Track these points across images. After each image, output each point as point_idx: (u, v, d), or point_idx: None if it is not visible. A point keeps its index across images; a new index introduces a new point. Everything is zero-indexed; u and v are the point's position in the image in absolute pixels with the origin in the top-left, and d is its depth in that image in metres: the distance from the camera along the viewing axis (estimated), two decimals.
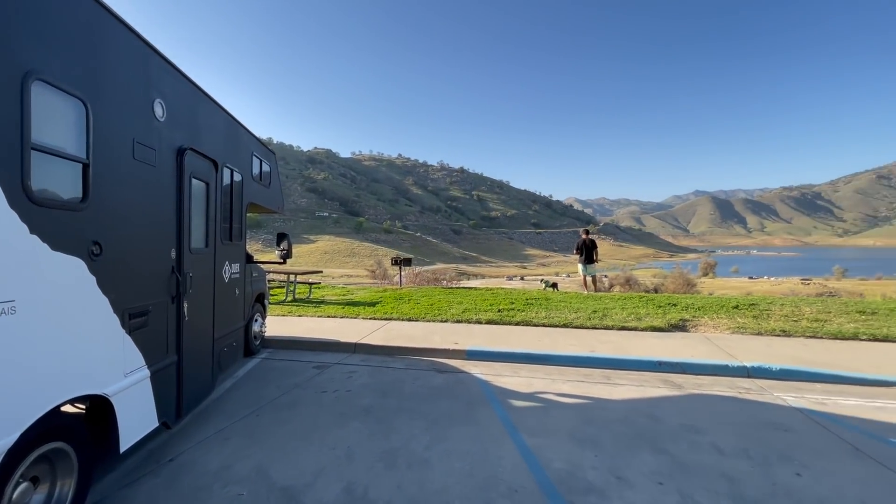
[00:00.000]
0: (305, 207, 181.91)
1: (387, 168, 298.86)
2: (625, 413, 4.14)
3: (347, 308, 9.25)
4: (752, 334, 6.76)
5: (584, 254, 12.46)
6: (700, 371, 5.38)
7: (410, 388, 4.87)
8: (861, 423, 3.89)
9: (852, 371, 5.12)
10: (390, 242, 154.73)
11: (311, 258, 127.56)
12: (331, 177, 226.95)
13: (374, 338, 6.86)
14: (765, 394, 4.66)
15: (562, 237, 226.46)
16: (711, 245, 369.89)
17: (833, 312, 7.55)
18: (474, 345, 6.35)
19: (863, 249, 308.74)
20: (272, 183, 6.17)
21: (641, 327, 7.17)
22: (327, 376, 5.35)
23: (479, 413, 4.16)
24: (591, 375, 5.33)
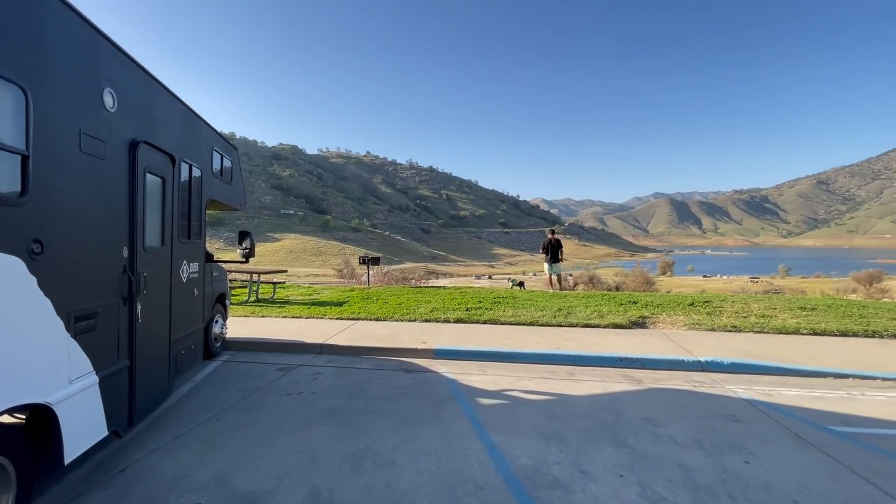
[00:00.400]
0: (270, 205, 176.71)
1: (355, 165, 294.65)
2: (588, 408, 4.26)
3: (313, 308, 9.06)
4: (706, 330, 7.12)
5: (550, 253, 12.75)
6: (658, 366, 5.61)
7: (378, 389, 4.82)
8: (802, 412, 4.16)
9: (794, 363, 5.47)
10: (358, 241, 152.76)
11: (276, 257, 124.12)
12: (297, 174, 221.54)
13: (341, 338, 6.76)
14: (717, 386, 4.91)
15: (529, 237, 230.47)
16: (669, 245, 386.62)
17: (778, 309, 8.06)
18: (442, 344, 6.36)
19: (804, 249, 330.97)
20: (234, 179, 5.95)
21: (604, 324, 7.40)
22: (292, 378, 5.22)
23: (447, 412, 4.17)
24: (556, 372, 5.45)
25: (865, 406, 4.30)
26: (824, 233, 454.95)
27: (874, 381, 5.06)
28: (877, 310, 7.94)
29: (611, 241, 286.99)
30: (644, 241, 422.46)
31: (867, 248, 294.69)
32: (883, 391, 4.73)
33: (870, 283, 43.01)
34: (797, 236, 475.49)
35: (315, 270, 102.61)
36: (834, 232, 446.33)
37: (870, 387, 4.90)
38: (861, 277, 45.99)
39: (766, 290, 43.66)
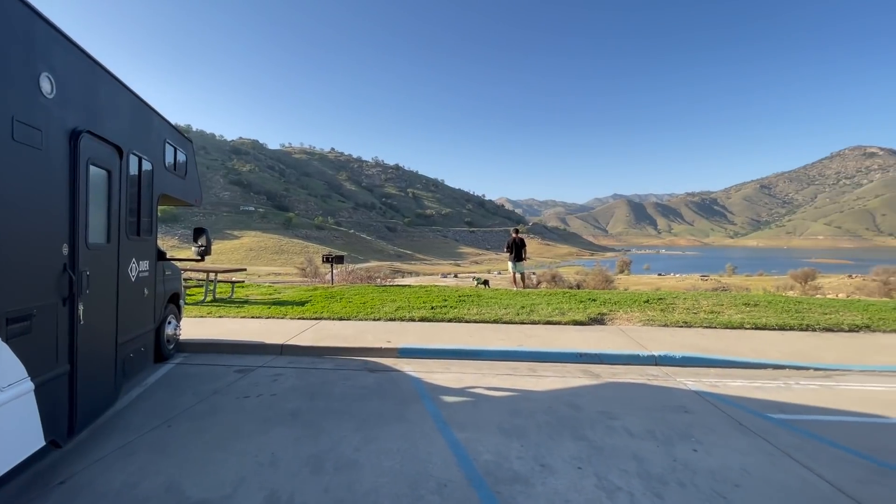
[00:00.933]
0: (229, 201, 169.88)
1: (319, 162, 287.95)
2: (549, 403, 4.37)
3: (274, 308, 8.80)
4: (659, 326, 7.46)
5: (514, 252, 12.98)
6: (615, 361, 5.83)
7: (341, 389, 4.75)
8: (744, 401, 4.44)
9: (739, 356, 5.84)
10: (322, 239, 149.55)
11: (236, 255, 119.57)
12: (258, 169, 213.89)
13: (303, 338, 6.60)
14: (669, 379, 5.17)
15: (494, 236, 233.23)
16: (627, 244, 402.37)
17: (725, 305, 8.56)
18: (407, 343, 6.34)
19: (748, 249, 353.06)
20: (189, 173, 5.68)
21: (565, 321, 7.61)
22: (251, 380, 5.05)
23: (411, 411, 4.17)
24: (519, 369, 5.56)
25: (799, 395, 4.65)
26: (766, 234, 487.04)
27: (807, 371, 5.47)
28: (810, 305, 8.59)
29: (572, 240, 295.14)
30: (604, 240, 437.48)
31: (803, 249, 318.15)
32: (814, 380, 5.12)
33: (805, 281, 46.56)
34: (742, 237, 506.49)
35: (277, 269, 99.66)
36: (774, 233, 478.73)
37: (803, 376, 5.29)
38: (798, 275, 49.69)
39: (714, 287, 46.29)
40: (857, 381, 5.12)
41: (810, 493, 2.83)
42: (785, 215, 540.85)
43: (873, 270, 49.61)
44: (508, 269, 13.66)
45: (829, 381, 5.08)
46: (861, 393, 4.70)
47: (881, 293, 33.56)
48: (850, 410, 4.22)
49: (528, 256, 13.72)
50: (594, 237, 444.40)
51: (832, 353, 6.03)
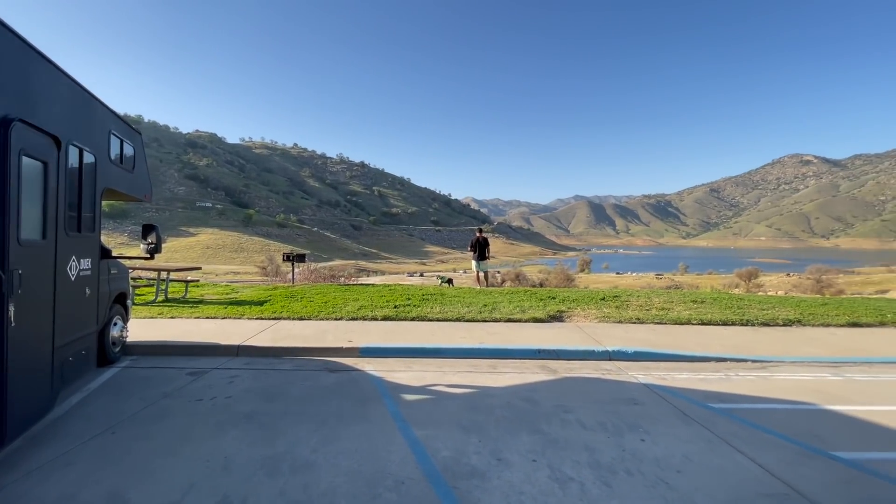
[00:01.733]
0: (184, 196, 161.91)
1: (281, 157, 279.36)
2: (507, 399, 4.47)
3: (230, 308, 8.50)
4: (614, 322, 7.77)
5: (478, 251, 13.18)
6: (572, 356, 6.03)
7: (299, 390, 4.66)
8: (689, 392, 4.72)
9: (685, 350, 6.18)
10: (284, 237, 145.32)
11: (191, 253, 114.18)
12: (215, 163, 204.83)
13: (261, 339, 6.43)
14: (622, 373, 5.40)
15: (460, 235, 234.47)
16: (587, 244, 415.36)
17: (675, 302, 9.03)
18: (369, 342, 6.30)
19: (699, 249, 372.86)
20: (137, 167, 5.40)
21: (525, 319, 7.79)
22: (204, 383, 4.87)
23: (371, 410, 4.15)
24: (479, 366, 5.65)
25: (738, 385, 4.98)
26: (715, 235, 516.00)
27: (746, 363, 5.86)
28: (750, 302, 9.21)
29: (536, 240, 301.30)
30: (566, 240, 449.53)
31: (747, 249, 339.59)
32: (752, 371, 5.51)
33: (749, 279, 49.82)
34: (694, 237, 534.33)
35: (236, 268, 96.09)
36: (722, 234, 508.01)
37: (742, 368, 5.67)
38: (742, 274, 53.09)
39: (668, 285, 48.62)
40: (788, 371, 5.55)
41: (743, 476, 3.05)
42: (732, 217, 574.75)
43: (807, 269, 53.78)
44: (473, 268, 13.81)
45: (764, 372, 5.48)
46: (791, 382, 5.10)
47: (814, 290, 36.46)
48: (781, 398, 4.56)
49: (493, 255, 13.96)
50: (556, 237, 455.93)
51: (767, 346, 6.49)
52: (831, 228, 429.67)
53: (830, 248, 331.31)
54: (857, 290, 40.06)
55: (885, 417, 4.05)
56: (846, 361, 5.92)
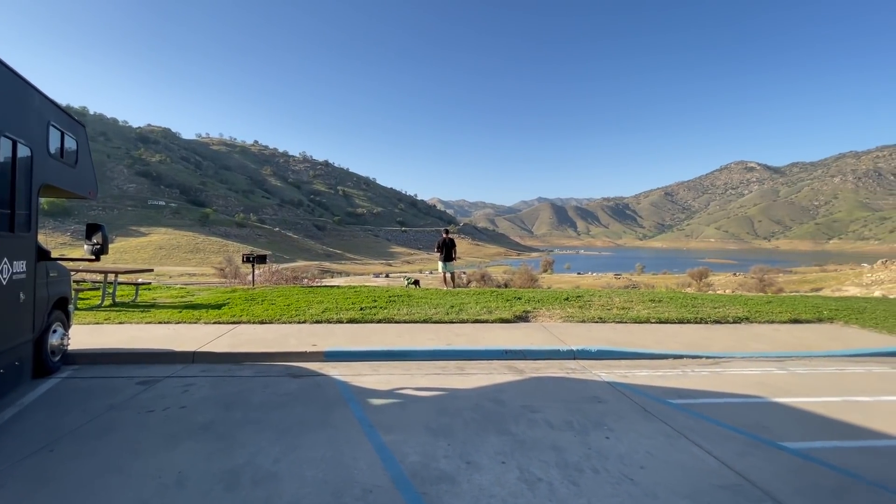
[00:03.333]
0: (135, 194, 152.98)
1: (240, 155, 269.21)
2: (475, 400, 4.47)
3: (186, 312, 8.08)
4: (577, 322, 7.96)
5: (444, 252, 13.21)
6: (538, 356, 6.12)
7: (260, 397, 4.47)
8: (650, 389, 4.89)
9: (645, 348, 6.41)
10: (244, 237, 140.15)
11: (143, 254, 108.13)
12: (169, 160, 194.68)
13: (219, 344, 6.13)
14: (586, 372, 5.53)
15: (426, 236, 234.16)
16: (550, 245, 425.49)
17: (634, 302, 9.37)
18: (334, 345, 6.14)
19: (654, 250, 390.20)
20: (80, 161, 5.01)
21: (492, 320, 7.84)
22: (156, 392, 4.58)
23: (336, 416, 4.04)
24: (447, 368, 5.62)
25: (693, 381, 5.21)
26: (669, 237, 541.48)
27: (700, 360, 6.15)
28: (703, 301, 9.69)
29: (500, 241, 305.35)
30: (529, 241, 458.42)
31: (698, 250, 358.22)
32: (706, 367, 5.77)
33: (700, 279, 52.70)
34: (650, 239, 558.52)
35: (191, 269, 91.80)
36: (676, 236, 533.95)
37: (697, 364, 5.94)
38: (694, 274, 56.08)
39: (626, 285, 50.56)
40: (739, 366, 5.86)
41: (701, 468, 3.18)
42: (684, 220, 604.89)
43: (751, 269, 57.51)
44: (439, 269, 13.79)
45: (717, 368, 5.76)
46: (741, 377, 5.38)
47: (757, 289, 39.03)
48: (733, 392, 4.81)
49: (459, 256, 14.03)
50: (521, 238, 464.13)
51: (719, 343, 6.83)
52: (772, 231, 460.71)
53: (771, 250, 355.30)
54: (795, 288, 43.17)
55: (825, 408, 4.35)
56: (789, 356, 6.32)
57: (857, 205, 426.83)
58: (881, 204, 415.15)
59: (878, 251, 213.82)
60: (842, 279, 48.39)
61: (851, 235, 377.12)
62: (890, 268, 43.36)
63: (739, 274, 68.68)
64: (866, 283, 38.03)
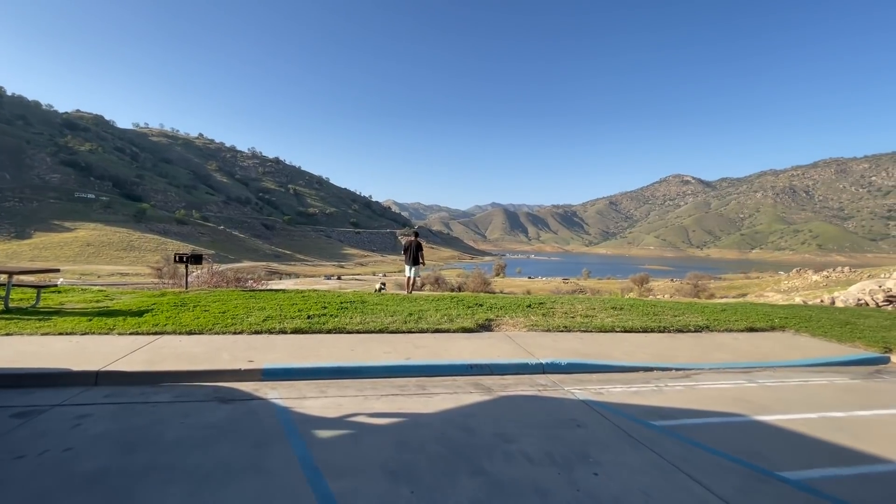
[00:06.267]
0: (59, 185, 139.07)
1: (183, 148, 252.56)
2: (441, 428, 3.86)
3: (97, 320, 6.86)
4: (542, 331, 7.57)
5: (411, 255, 12.89)
6: (505, 371, 5.61)
7: (176, 432, 3.61)
8: (628, 408, 4.51)
9: (615, 360, 6.09)
10: (185, 235, 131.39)
11: (68, 251, 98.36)
12: (101, 150, 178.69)
13: (132, 360, 5.12)
14: (558, 389, 5.08)
15: (380, 238, 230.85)
16: (503, 249, 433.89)
17: (597, 309, 9.16)
18: (274, 361, 5.31)
19: (600, 256, 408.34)
20: None
21: (454, 329, 7.27)
22: (35, 429, 3.59)
23: (272, 455, 3.28)
24: (406, 386, 4.98)
25: (670, 397, 4.91)
26: (613, 244, 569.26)
27: (671, 372, 5.91)
28: (663, 309, 9.67)
29: (455, 244, 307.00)
30: (483, 245, 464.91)
31: (639, 257, 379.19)
32: (678, 381, 5.52)
33: (641, 284, 55.36)
34: (595, 245, 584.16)
35: (124, 269, 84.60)
36: (619, 243, 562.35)
37: (669, 377, 5.69)
38: (636, 279, 58.90)
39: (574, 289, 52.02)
40: (709, 378, 5.66)
41: None
42: (627, 228, 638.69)
43: (687, 276, 61.29)
44: (406, 272, 13.43)
45: (689, 381, 5.52)
46: (716, 391, 5.15)
47: (692, 294, 41.44)
48: (713, 410, 4.53)
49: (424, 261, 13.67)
50: (474, 242, 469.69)
51: (686, 353, 6.67)
52: (704, 240, 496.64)
53: (703, 258, 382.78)
54: (724, 293, 46.24)
55: (808, 427, 4.14)
56: (755, 366, 6.23)
57: (775, 218, 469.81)
58: (794, 218, 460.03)
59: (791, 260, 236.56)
60: (763, 286, 52.55)
61: (770, 246, 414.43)
62: (803, 276, 47.75)
63: (676, 280, 73.18)
64: (784, 289, 41.32)
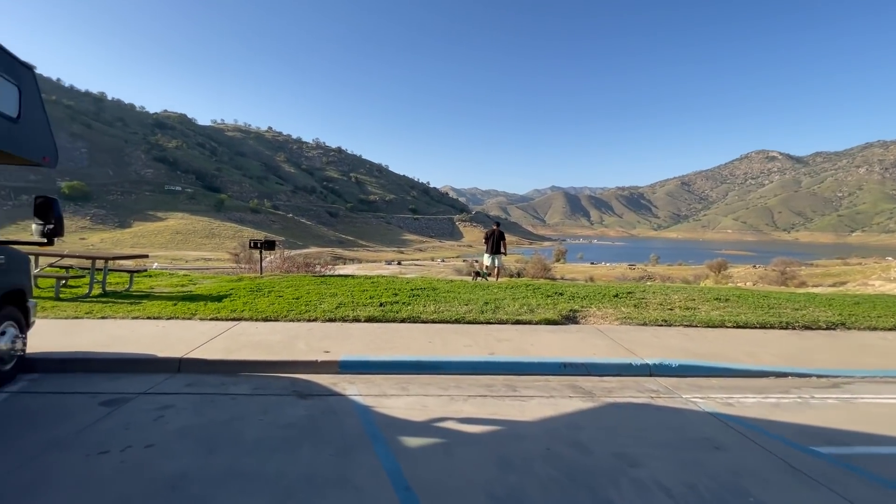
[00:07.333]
0: (152, 179, 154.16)
1: (255, 141, 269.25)
2: (546, 442, 3.27)
3: (181, 305, 7.00)
4: (637, 325, 6.69)
5: (493, 244, 12.64)
6: (605, 371, 4.89)
7: (256, 431, 3.34)
8: (774, 427, 3.63)
9: (736, 362, 5.13)
10: (258, 223, 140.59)
11: (160, 238, 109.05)
12: (185, 146, 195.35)
13: (212, 348, 5.02)
14: (674, 396, 4.29)
15: (438, 223, 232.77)
16: (563, 234, 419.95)
17: (697, 300, 8.03)
18: (350, 353, 4.99)
19: (669, 240, 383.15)
20: (25, 115, 3.84)
21: (536, 320, 6.61)
22: (120, 419, 3.48)
23: (358, 466, 2.88)
24: (494, 386, 4.44)
25: (824, 414, 3.94)
26: (685, 227, 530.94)
27: (811, 380, 4.87)
28: (778, 300, 8.31)
29: (513, 229, 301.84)
30: (542, 230, 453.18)
31: (714, 241, 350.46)
32: (827, 392, 4.49)
33: (718, 271, 50.56)
34: (665, 229, 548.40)
35: (207, 254, 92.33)
36: (692, 226, 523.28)
37: (811, 386, 4.67)
38: (712, 265, 53.90)
39: (641, 276, 48.69)
40: (867, 390, 4.56)
41: None
42: (701, 210, 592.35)
43: (772, 262, 55.05)
44: (485, 262, 13.23)
45: (841, 393, 4.47)
46: (885, 408, 4.10)
47: (779, 282, 37.02)
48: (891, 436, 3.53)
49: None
50: (533, 227, 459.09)
51: (824, 356, 5.53)
52: (792, 222, 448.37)
53: (791, 242, 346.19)
54: (818, 281, 41.07)
55: None
56: None
57: (882, 196, 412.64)
58: None
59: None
60: (867, 273, 46.05)
61: (876, 228, 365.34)
62: None
63: (759, 266, 66.26)
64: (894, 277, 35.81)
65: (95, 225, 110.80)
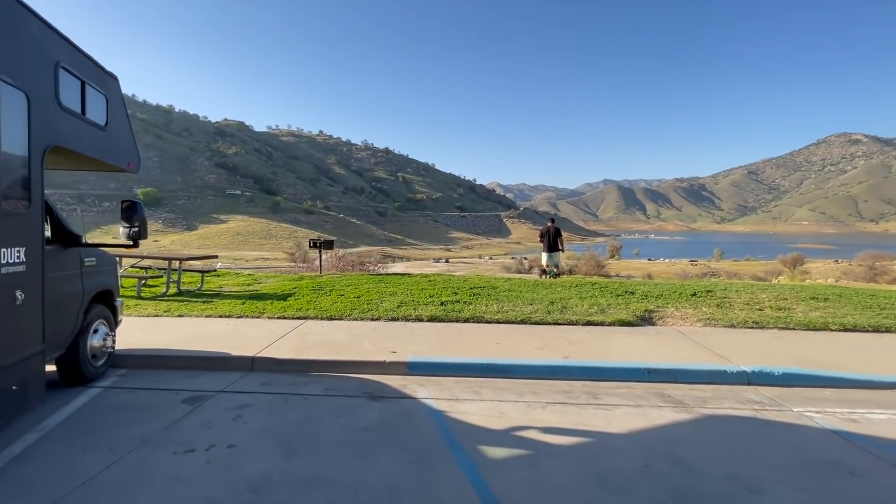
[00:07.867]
0: (214, 184, 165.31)
1: (307, 145, 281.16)
2: (642, 458, 2.94)
3: (249, 303, 7.24)
4: (724, 326, 6.09)
5: (549, 242, 12.35)
6: (695, 378, 4.43)
7: (332, 434, 3.27)
8: None
9: (850, 371, 4.48)
10: (311, 223, 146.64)
11: (223, 240, 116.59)
12: (244, 152, 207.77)
13: (282, 347, 5.09)
14: (783, 409, 3.78)
15: (485, 221, 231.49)
16: (617, 230, 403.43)
17: (790, 300, 7.21)
18: (417, 353, 4.87)
19: (735, 234, 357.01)
20: (112, 124, 4.03)
21: (608, 321, 6.19)
22: (202, 417, 3.54)
23: (440, 476, 2.71)
24: (573, 392, 4.13)
25: None
26: (752, 219, 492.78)
27: None
28: (890, 300, 7.26)
29: (563, 225, 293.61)
30: (594, 225, 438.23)
31: (788, 234, 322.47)
32: None
33: (794, 266, 46.09)
34: (729, 222, 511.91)
35: (265, 254, 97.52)
36: (760, 219, 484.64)
37: None
38: (786, 260, 49.20)
39: (704, 272, 45.46)
40: None
41: None
42: (771, 201, 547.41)
43: (859, 255, 49.37)
44: (542, 261, 13.10)
45: None
46: None
47: (867, 278, 33.04)
48: None
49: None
50: (585, 222, 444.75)
51: None
52: (881, 212, 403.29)
53: (880, 233, 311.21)
54: None
55: None
56: None
57: None
58: None
59: None
60: None
61: None
62: None
63: (842, 261, 59.75)
64: None
65: (166, 228, 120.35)
